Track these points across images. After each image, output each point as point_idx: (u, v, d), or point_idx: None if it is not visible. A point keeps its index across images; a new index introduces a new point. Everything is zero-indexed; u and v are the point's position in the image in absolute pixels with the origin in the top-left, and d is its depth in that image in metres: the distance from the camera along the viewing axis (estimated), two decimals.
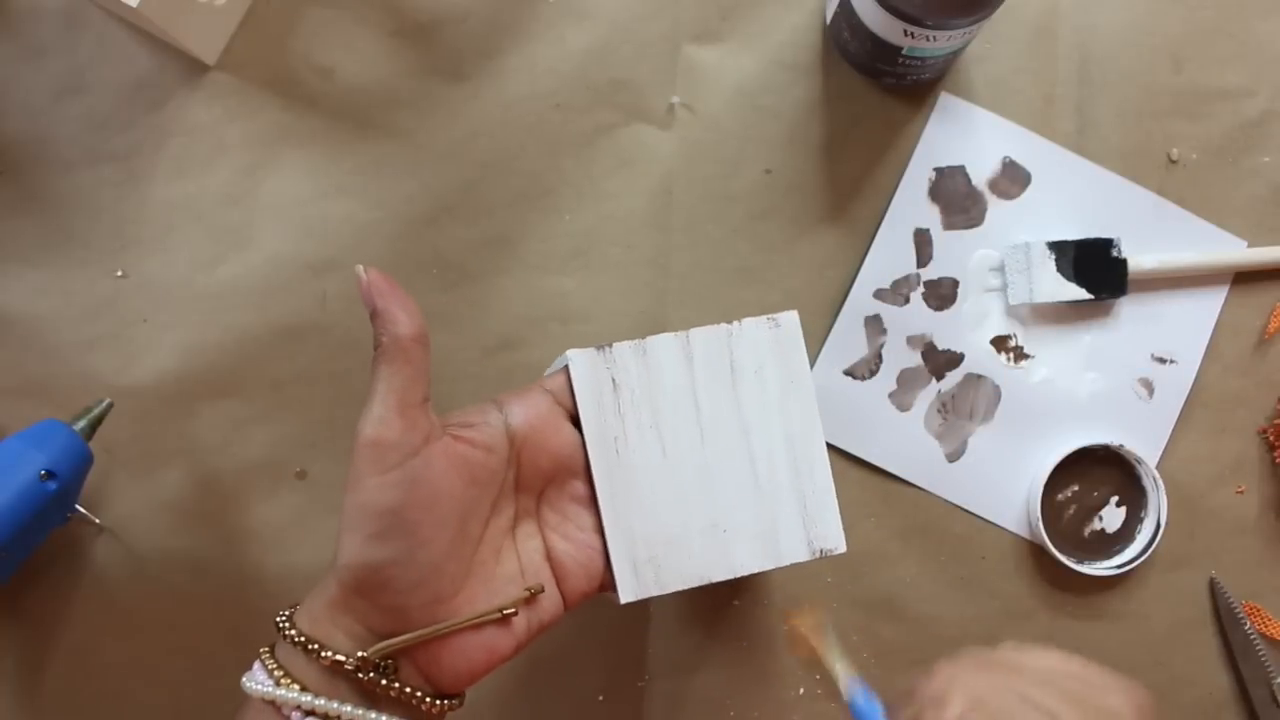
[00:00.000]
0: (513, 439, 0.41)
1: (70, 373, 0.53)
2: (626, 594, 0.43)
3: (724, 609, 0.54)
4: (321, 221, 0.54)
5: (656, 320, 0.54)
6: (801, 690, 0.54)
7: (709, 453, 0.43)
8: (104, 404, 0.50)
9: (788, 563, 0.43)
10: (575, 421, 0.43)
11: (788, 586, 0.54)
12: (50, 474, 0.47)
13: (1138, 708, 0.36)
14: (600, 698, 0.54)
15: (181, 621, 0.53)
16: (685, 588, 0.43)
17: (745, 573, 0.43)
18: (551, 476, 0.43)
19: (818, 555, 0.44)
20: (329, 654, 0.37)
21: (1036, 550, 0.54)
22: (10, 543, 0.46)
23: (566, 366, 0.43)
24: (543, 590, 0.41)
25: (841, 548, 0.44)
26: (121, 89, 0.54)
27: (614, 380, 0.43)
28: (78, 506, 0.51)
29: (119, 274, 0.54)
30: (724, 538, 0.43)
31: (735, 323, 0.44)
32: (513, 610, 0.40)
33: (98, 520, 0.53)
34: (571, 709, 0.54)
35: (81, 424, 0.49)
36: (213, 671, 0.53)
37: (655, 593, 0.43)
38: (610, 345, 0.43)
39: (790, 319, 0.44)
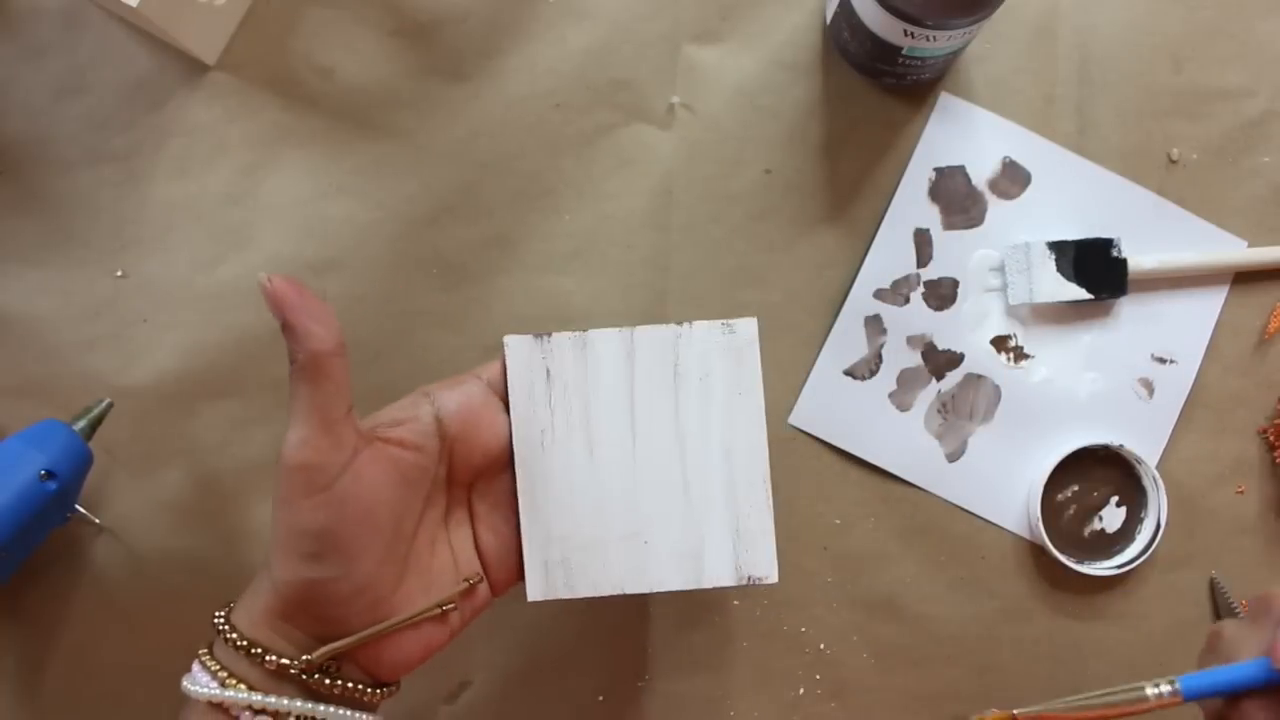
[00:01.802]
0: (444, 434, 0.41)
1: (70, 373, 0.53)
2: (534, 593, 0.42)
3: (724, 609, 0.54)
4: (321, 221, 0.54)
5: (656, 320, 0.54)
6: (801, 690, 0.54)
7: (639, 458, 0.42)
8: (104, 404, 0.50)
9: (710, 586, 0.42)
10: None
11: (786, 586, 0.54)
12: (50, 474, 0.47)
13: None
14: (600, 698, 0.54)
15: (181, 621, 0.53)
16: (597, 595, 0.42)
17: (664, 589, 0.42)
18: (483, 470, 0.43)
19: (745, 582, 0.42)
20: (274, 658, 0.37)
21: (1036, 550, 0.54)
22: (10, 543, 0.46)
23: (504, 354, 0.42)
24: (481, 580, 0.41)
25: (773, 577, 0.42)
26: (121, 89, 0.54)
27: (548, 371, 0.42)
28: (78, 506, 0.51)
29: (119, 274, 0.54)
30: (644, 550, 0.42)
31: (685, 324, 0.42)
32: (452, 606, 0.40)
33: (98, 520, 0.53)
34: (571, 709, 0.54)
35: (81, 424, 0.49)
36: None
37: (564, 595, 0.42)
38: (549, 334, 0.42)
39: (747, 326, 0.43)
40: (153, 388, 0.53)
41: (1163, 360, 0.54)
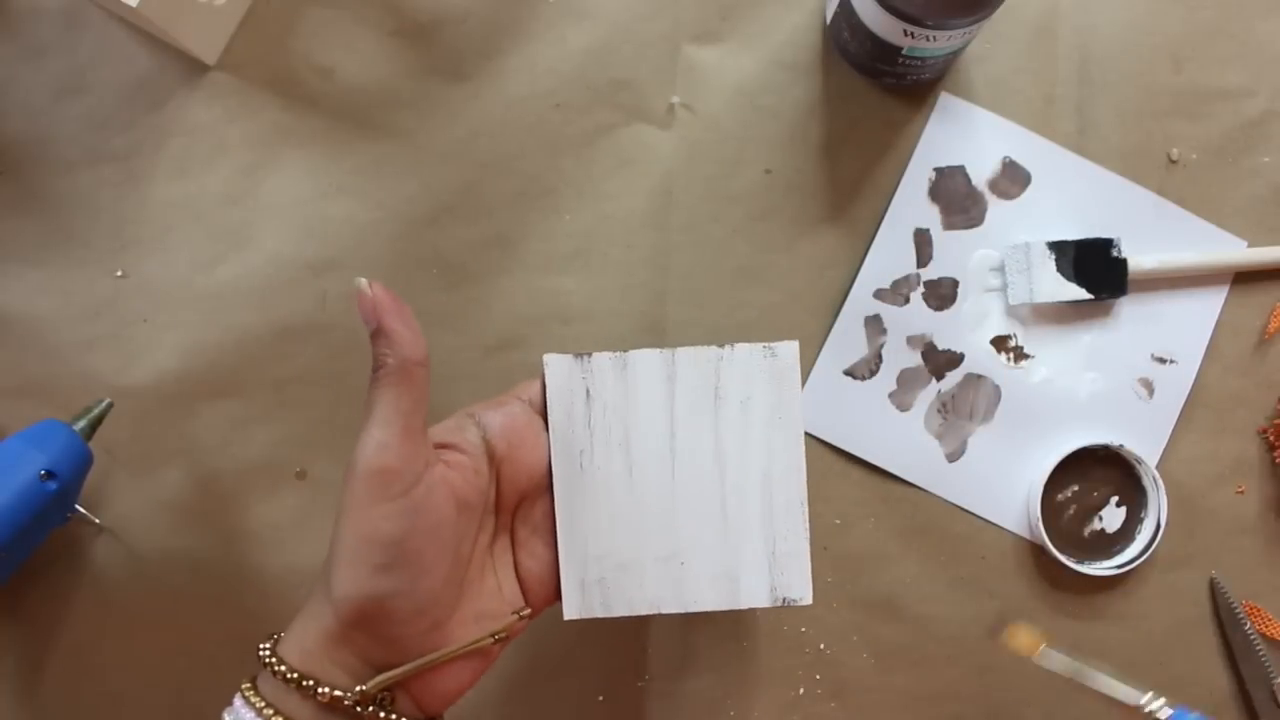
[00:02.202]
0: (492, 456, 0.41)
1: (70, 373, 0.53)
2: (570, 611, 0.42)
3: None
4: (321, 221, 0.54)
5: (656, 320, 0.54)
6: (801, 690, 0.54)
7: (678, 480, 0.42)
8: (104, 404, 0.50)
9: (746, 606, 0.42)
10: None
11: None
12: (50, 474, 0.47)
13: None
14: (600, 698, 0.54)
15: (181, 622, 0.53)
16: (633, 614, 0.42)
17: (699, 609, 0.42)
18: (527, 492, 0.42)
19: (780, 604, 0.42)
20: (327, 690, 0.36)
21: (1036, 550, 0.54)
22: (10, 543, 0.46)
23: (543, 374, 0.42)
24: (529, 613, 0.41)
25: (807, 599, 0.42)
26: (121, 89, 0.54)
27: (588, 391, 0.42)
28: (78, 506, 0.51)
29: (119, 274, 0.54)
30: (680, 570, 0.42)
31: (727, 347, 0.42)
32: (504, 634, 0.40)
33: (98, 520, 0.53)
34: (571, 709, 0.54)
35: (81, 424, 0.49)
36: (212, 671, 0.53)
37: (600, 614, 0.42)
38: (590, 354, 0.42)
39: (789, 350, 0.42)
40: (153, 388, 0.53)
41: (1163, 360, 0.54)
